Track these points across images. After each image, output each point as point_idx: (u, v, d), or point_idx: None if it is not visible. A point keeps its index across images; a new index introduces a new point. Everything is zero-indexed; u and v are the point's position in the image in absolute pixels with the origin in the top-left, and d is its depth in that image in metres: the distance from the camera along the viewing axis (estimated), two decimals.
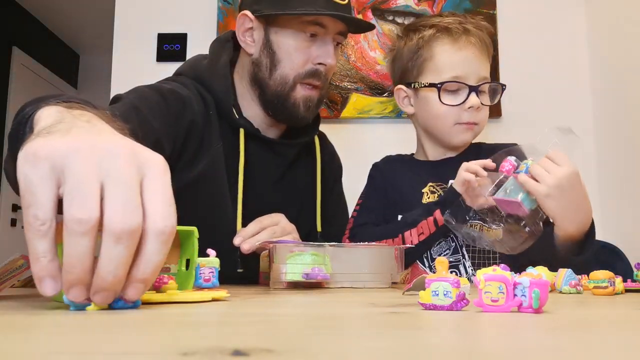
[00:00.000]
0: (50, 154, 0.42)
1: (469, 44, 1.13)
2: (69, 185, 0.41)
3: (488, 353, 0.30)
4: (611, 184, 1.82)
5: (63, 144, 0.43)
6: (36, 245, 0.42)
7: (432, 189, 1.19)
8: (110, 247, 0.41)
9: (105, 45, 2.66)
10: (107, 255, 0.42)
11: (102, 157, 0.43)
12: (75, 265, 0.41)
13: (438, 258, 0.54)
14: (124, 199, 0.42)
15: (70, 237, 0.41)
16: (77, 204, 0.40)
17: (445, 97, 1.13)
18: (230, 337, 0.34)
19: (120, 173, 0.42)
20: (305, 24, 1.01)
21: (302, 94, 1.04)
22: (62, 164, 0.42)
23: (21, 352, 0.29)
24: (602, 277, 0.71)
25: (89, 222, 0.40)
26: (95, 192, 0.41)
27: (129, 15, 1.97)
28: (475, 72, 1.13)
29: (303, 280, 0.84)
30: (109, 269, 0.42)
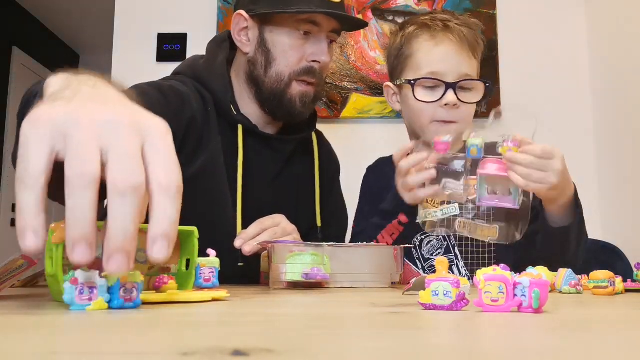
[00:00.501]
0: (52, 119, 0.43)
1: (446, 39, 1.11)
2: (70, 149, 0.41)
3: (488, 353, 0.30)
4: (611, 184, 1.82)
5: (65, 111, 0.43)
6: (22, 197, 0.43)
7: None
8: (117, 205, 0.41)
9: (105, 45, 2.66)
10: (114, 214, 0.41)
11: (102, 126, 0.43)
12: (79, 219, 0.41)
13: (438, 258, 0.54)
14: (125, 160, 0.42)
15: (74, 193, 0.40)
16: (78, 161, 0.41)
17: (421, 94, 1.11)
18: (230, 337, 0.34)
19: (121, 140, 0.43)
20: (299, 22, 1.03)
21: (298, 90, 1.05)
22: (64, 131, 0.42)
23: (21, 352, 0.29)
24: (602, 277, 0.71)
25: (90, 175, 0.41)
26: (96, 153, 0.42)
27: (129, 15, 1.97)
28: (454, 69, 1.10)
29: (303, 280, 0.84)
30: (118, 227, 0.41)
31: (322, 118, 1.88)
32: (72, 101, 0.46)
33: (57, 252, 0.57)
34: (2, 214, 3.62)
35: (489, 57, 1.90)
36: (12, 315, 0.47)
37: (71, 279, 0.49)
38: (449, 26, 1.11)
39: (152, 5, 1.97)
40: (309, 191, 1.20)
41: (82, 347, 0.31)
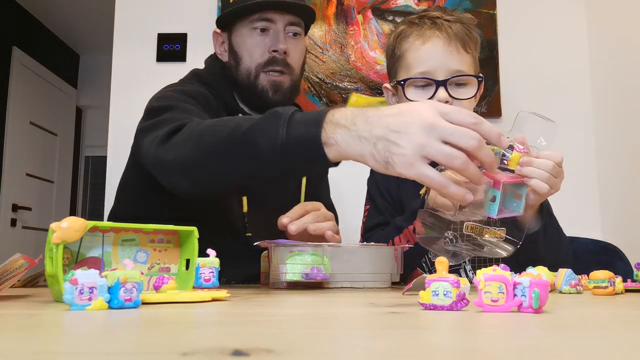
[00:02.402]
0: (415, 155, 0.67)
1: (433, 36, 1.10)
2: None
3: (488, 353, 0.30)
4: (611, 184, 1.82)
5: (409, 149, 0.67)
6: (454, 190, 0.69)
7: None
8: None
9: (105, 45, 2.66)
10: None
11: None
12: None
13: (438, 258, 0.54)
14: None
15: (466, 172, 0.69)
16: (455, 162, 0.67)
17: (413, 94, 1.11)
18: (230, 337, 0.34)
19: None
20: (253, 22, 1.13)
21: (267, 79, 1.14)
22: (426, 154, 0.67)
23: (21, 352, 0.29)
24: (602, 277, 0.71)
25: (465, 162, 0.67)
26: None
27: (129, 15, 1.97)
28: (444, 65, 1.09)
29: (303, 280, 0.84)
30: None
31: None
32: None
33: (57, 252, 0.57)
34: (2, 214, 3.62)
35: (489, 57, 1.90)
36: (12, 315, 0.47)
37: (71, 279, 0.49)
38: (436, 23, 1.11)
39: (152, 5, 1.97)
40: (299, 184, 1.24)
41: (82, 347, 0.31)
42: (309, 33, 1.91)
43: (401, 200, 1.20)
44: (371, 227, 1.18)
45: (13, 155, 3.71)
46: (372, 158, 0.70)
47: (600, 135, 1.88)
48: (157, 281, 0.61)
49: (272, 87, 1.13)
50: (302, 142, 0.73)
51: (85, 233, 0.59)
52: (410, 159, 0.67)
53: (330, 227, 1.02)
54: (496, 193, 0.83)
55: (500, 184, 0.82)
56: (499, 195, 0.82)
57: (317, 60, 1.91)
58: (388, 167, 0.69)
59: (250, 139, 0.77)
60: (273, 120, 0.76)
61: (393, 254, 0.90)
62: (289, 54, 1.14)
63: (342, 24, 1.93)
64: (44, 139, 4.13)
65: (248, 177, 0.81)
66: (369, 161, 0.71)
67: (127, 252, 0.69)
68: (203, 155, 0.82)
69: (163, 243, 0.72)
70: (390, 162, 0.68)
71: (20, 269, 0.62)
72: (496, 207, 0.82)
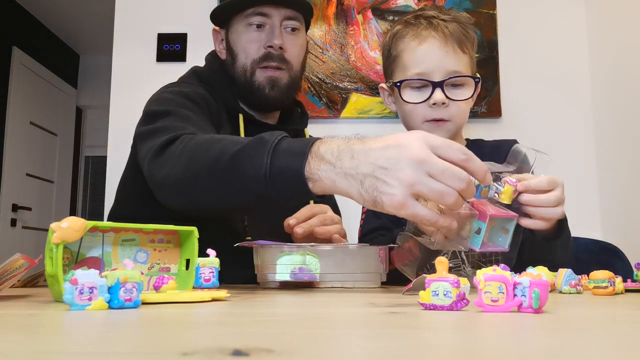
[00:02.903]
0: (405, 195, 0.67)
1: (429, 37, 1.09)
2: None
3: (488, 353, 0.30)
4: (611, 184, 1.82)
5: (397, 189, 0.67)
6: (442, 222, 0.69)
7: None
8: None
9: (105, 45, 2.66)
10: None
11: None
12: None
13: (438, 258, 0.54)
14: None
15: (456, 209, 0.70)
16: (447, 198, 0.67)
17: (409, 95, 1.10)
18: (230, 337, 0.34)
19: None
20: (249, 17, 1.12)
21: (264, 75, 1.13)
22: (415, 193, 0.67)
23: (21, 352, 0.29)
24: (602, 277, 0.71)
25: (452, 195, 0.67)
26: None
27: (129, 15, 1.97)
28: (440, 66, 1.08)
29: (291, 280, 0.85)
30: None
31: (323, 118, 1.88)
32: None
33: (57, 252, 0.57)
34: (2, 214, 3.62)
35: (489, 57, 1.90)
36: (12, 315, 0.47)
37: (71, 279, 0.49)
38: (432, 23, 1.10)
39: (152, 5, 1.97)
40: None
41: (82, 347, 0.31)
42: (309, 33, 1.92)
43: None
44: (369, 231, 1.18)
45: (13, 155, 3.71)
46: (359, 196, 0.68)
47: (600, 135, 1.88)
48: (157, 281, 0.61)
49: (269, 82, 1.12)
50: (286, 175, 0.71)
51: (85, 233, 0.59)
52: (400, 199, 0.65)
53: (338, 230, 1.02)
54: (482, 225, 0.80)
55: (487, 217, 0.79)
56: (485, 228, 0.81)
57: (317, 60, 1.91)
58: (377, 206, 0.67)
59: (236, 166, 0.76)
60: (259, 147, 0.75)
61: (378, 255, 0.90)
62: (286, 49, 1.13)
63: (342, 24, 1.93)
64: (44, 139, 4.13)
65: (233, 202, 0.81)
66: (356, 199, 0.69)
67: (127, 252, 0.69)
68: (193, 177, 0.82)
69: (163, 243, 0.72)
70: (379, 202, 0.67)
71: (20, 269, 0.62)
72: (480, 240, 0.80)
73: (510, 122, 1.88)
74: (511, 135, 1.34)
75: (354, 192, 0.68)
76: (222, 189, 0.79)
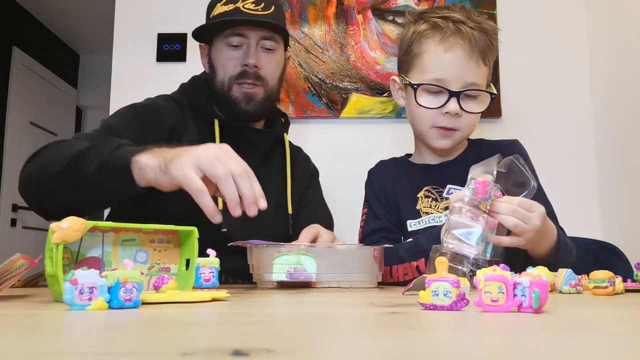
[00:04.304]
0: (191, 163, 0.82)
1: (456, 45, 1.07)
2: (209, 171, 0.81)
3: (488, 353, 0.30)
4: (611, 184, 1.82)
5: (186, 158, 0.83)
6: (203, 200, 0.80)
7: (427, 194, 1.17)
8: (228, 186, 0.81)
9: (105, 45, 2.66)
10: (229, 190, 0.81)
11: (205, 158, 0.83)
12: (232, 193, 0.80)
13: (438, 258, 0.54)
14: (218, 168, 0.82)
15: (225, 184, 0.80)
16: (217, 172, 0.81)
17: (424, 99, 1.10)
18: (230, 337, 0.34)
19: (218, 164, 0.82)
20: (227, 37, 1.20)
21: (240, 91, 1.21)
22: (199, 165, 0.82)
23: (21, 352, 0.29)
24: (602, 277, 0.71)
25: (228, 173, 0.81)
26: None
27: (129, 15, 1.97)
28: (460, 77, 1.07)
29: (288, 280, 0.85)
30: (236, 195, 0.81)
31: (323, 118, 1.88)
32: (184, 153, 0.84)
33: (57, 252, 0.57)
34: (2, 214, 3.62)
35: None
36: (12, 315, 0.47)
37: (71, 279, 0.49)
38: (460, 30, 1.07)
39: (152, 5, 1.97)
40: (284, 186, 1.28)
41: (82, 347, 0.31)
42: (308, 33, 1.92)
43: (397, 203, 1.19)
44: (369, 233, 1.18)
45: (13, 155, 3.71)
46: (157, 167, 0.84)
47: (600, 135, 1.88)
48: (157, 281, 0.61)
49: (245, 98, 1.20)
50: (118, 161, 0.88)
51: (85, 233, 0.59)
52: (185, 163, 0.81)
53: (329, 238, 1.03)
54: (484, 234, 0.85)
55: (496, 225, 0.85)
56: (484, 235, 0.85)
57: (317, 60, 1.91)
58: (166, 173, 0.83)
59: (81, 160, 0.91)
60: (103, 147, 0.92)
61: (372, 254, 0.90)
62: (261, 67, 1.21)
63: (342, 24, 1.93)
64: (44, 139, 4.12)
65: (80, 194, 0.94)
66: (153, 169, 0.85)
67: (127, 252, 0.69)
68: (45, 173, 0.95)
69: (163, 243, 0.72)
70: (169, 168, 0.82)
71: (20, 269, 0.62)
72: (490, 248, 0.86)
73: (510, 122, 1.88)
74: (511, 135, 1.35)
75: (153, 164, 0.85)
76: (64, 175, 0.91)
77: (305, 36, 1.92)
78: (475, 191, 0.84)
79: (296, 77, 1.90)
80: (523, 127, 1.85)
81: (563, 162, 1.86)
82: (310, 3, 1.93)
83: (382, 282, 0.98)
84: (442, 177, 1.14)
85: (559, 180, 1.78)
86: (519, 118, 1.89)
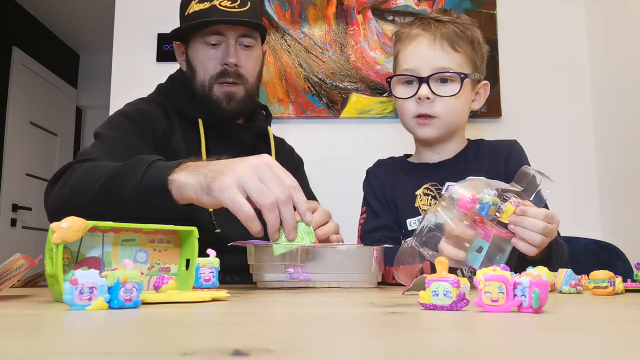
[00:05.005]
0: (235, 183, 0.78)
1: (419, 36, 1.13)
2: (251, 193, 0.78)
3: (488, 353, 0.30)
4: (611, 184, 1.82)
5: (229, 177, 0.79)
6: (251, 226, 0.79)
7: (426, 191, 1.17)
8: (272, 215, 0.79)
9: (105, 45, 2.66)
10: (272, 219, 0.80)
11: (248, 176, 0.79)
12: (274, 220, 0.79)
13: (438, 258, 0.54)
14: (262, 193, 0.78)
15: (271, 214, 0.78)
16: (261, 198, 0.78)
17: (399, 90, 1.15)
18: (230, 337, 0.34)
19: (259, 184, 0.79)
20: (205, 36, 1.19)
21: (221, 90, 1.19)
22: (239, 183, 0.78)
23: (21, 352, 0.29)
24: (602, 277, 0.71)
25: (274, 204, 0.78)
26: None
27: (129, 15, 1.97)
28: (427, 64, 1.11)
29: (287, 280, 0.86)
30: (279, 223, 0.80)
31: (323, 118, 1.88)
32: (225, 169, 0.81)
33: (57, 252, 0.57)
34: (2, 214, 3.62)
35: (489, 57, 1.89)
36: (12, 315, 0.47)
37: (71, 279, 0.49)
38: (424, 23, 1.14)
39: (152, 5, 1.97)
40: None
41: (82, 347, 0.31)
42: (308, 33, 1.92)
43: (395, 201, 1.20)
44: (369, 230, 1.18)
45: (13, 155, 3.71)
46: (198, 185, 0.81)
47: (600, 135, 1.88)
48: (157, 281, 0.61)
49: (226, 97, 1.19)
50: (154, 180, 0.85)
51: (85, 233, 0.59)
52: (228, 181, 0.78)
53: (334, 228, 1.01)
54: (484, 245, 0.82)
55: (490, 237, 0.81)
56: (487, 247, 0.82)
57: (317, 60, 1.91)
58: (209, 191, 0.80)
59: (114, 180, 0.88)
60: (136, 164, 0.88)
61: (372, 255, 0.90)
62: (241, 65, 1.20)
63: (342, 24, 1.93)
64: (44, 139, 4.13)
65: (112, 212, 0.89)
66: (193, 187, 0.81)
67: (127, 252, 0.69)
68: (76, 196, 0.92)
69: (163, 243, 0.72)
70: (211, 185, 0.79)
71: (20, 269, 0.62)
72: (481, 259, 0.82)
73: (510, 122, 1.88)
74: (511, 135, 1.35)
75: (193, 182, 0.81)
76: (102, 200, 0.88)
77: (305, 36, 1.92)
78: (456, 203, 0.83)
79: (296, 77, 1.90)
80: (523, 127, 1.85)
81: (563, 162, 1.86)
82: (310, 3, 1.93)
83: (385, 282, 0.98)
84: (442, 175, 1.16)
85: (558, 180, 1.78)
86: (519, 118, 1.89)
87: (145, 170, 0.86)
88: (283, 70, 1.90)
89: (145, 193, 0.84)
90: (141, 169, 0.86)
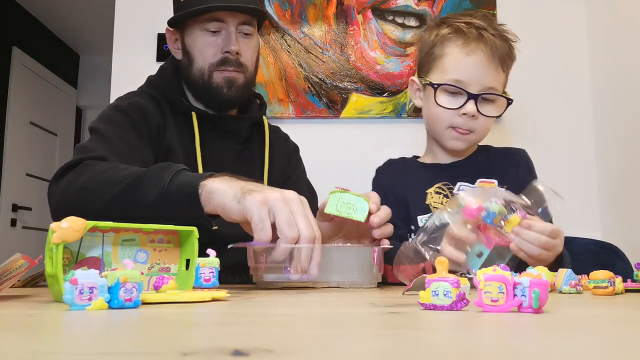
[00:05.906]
0: (265, 203, 0.77)
1: (478, 50, 1.11)
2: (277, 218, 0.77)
3: (488, 353, 0.30)
4: (611, 184, 1.82)
5: (264, 196, 0.78)
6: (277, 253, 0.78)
7: (438, 190, 1.18)
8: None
9: (105, 45, 2.66)
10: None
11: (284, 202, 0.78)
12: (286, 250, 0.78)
13: (438, 258, 0.54)
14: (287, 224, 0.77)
15: (286, 244, 0.76)
16: (291, 233, 0.77)
17: (443, 99, 1.13)
18: (230, 337, 0.34)
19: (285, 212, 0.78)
20: (205, 22, 1.16)
21: (222, 76, 1.17)
22: (271, 206, 0.77)
23: (21, 352, 0.29)
24: (602, 277, 0.71)
25: (294, 239, 0.77)
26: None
27: (129, 15, 1.97)
28: (479, 80, 1.11)
29: (287, 280, 0.85)
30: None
31: (323, 118, 1.88)
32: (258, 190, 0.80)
33: (57, 252, 0.57)
34: (2, 214, 3.62)
35: None
36: (12, 315, 0.47)
37: (71, 279, 0.49)
38: (483, 35, 1.12)
39: (152, 5, 1.96)
40: (263, 168, 1.27)
41: (82, 347, 0.31)
42: (308, 33, 1.92)
43: (406, 198, 1.20)
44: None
45: (13, 155, 3.71)
46: (233, 196, 0.80)
47: (600, 135, 1.88)
48: (157, 281, 0.61)
49: (227, 83, 1.17)
50: (183, 187, 0.84)
51: (85, 233, 0.59)
52: (261, 198, 0.78)
53: (389, 232, 0.95)
54: (484, 251, 0.84)
55: (492, 244, 0.83)
56: (487, 254, 0.83)
57: (317, 60, 1.91)
58: (240, 203, 0.79)
59: (137, 185, 0.88)
60: (163, 171, 0.87)
61: (371, 256, 0.90)
62: (242, 54, 1.17)
63: (342, 24, 1.93)
64: (44, 139, 4.13)
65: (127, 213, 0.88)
66: (229, 198, 0.80)
67: (127, 252, 0.69)
68: (87, 201, 0.90)
69: (163, 243, 0.72)
70: (244, 200, 0.79)
71: (20, 269, 0.62)
72: (479, 264, 0.84)
73: (510, 122, 1.88)
74: (511, 135, 1.35)
75: (227, 189, 0.81)
76: (119, 204, 0.87)
77: (305, 36, 1.92)
78: (462, 209, 0.84)
79: (296, 77, 1.90)
80: (523, 127, 1.85)
81: (563, 162, 1.86)
82: (310, 3, 1.93)
83: (386, 282, 0.98)
84: (454, 174, 1.18)
85: (559, 180, 1.78)
86: (519, 118, 1.88)
87: (174, 175, 0.85)
88: (283, 70, 1.90)
89: (170, 197, 0.84)
90: (169, 174, 0.86)
